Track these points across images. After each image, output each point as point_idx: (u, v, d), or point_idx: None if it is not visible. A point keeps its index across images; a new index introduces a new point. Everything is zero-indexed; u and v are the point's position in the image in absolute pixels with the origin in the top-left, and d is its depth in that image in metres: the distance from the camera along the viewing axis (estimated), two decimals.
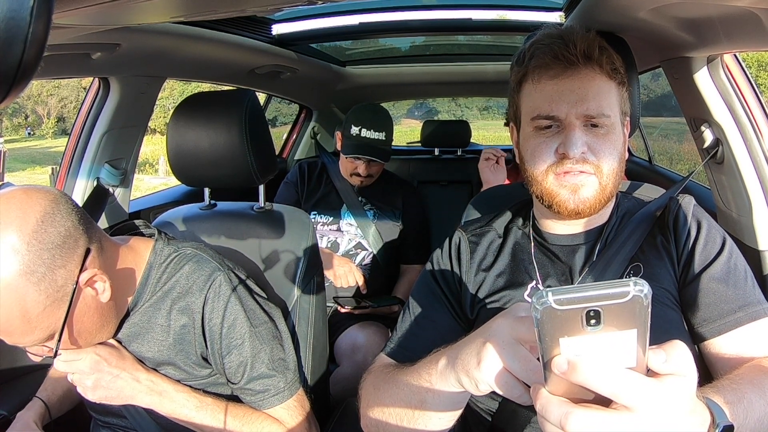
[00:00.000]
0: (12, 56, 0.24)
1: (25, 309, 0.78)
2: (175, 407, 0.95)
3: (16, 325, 0.79)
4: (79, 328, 0.87)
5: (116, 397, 0.93)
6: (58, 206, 0.82)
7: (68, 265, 0.82)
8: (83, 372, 0.92)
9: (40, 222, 0.79)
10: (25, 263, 0.77)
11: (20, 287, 0.77)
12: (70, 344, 0.87)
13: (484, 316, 0.88)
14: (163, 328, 0.97)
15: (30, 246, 0.77)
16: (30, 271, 0.77)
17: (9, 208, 0.78)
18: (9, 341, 0.82)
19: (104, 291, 0.88)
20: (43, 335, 0.82)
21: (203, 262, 1.00)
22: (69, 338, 0.86)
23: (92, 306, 0.87)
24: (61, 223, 0.81)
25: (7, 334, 0.81)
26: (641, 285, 0.41)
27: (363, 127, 1.90)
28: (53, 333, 0.83)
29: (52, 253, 0.80)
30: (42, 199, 0.81)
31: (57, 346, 0.84)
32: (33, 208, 0.79)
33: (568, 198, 0.81)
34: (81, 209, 0.87)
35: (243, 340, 0.98)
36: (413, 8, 1.88)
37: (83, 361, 0.91)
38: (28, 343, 0.84)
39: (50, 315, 0.81)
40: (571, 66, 0.80)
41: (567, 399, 0.46)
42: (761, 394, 0.66)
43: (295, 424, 1.01)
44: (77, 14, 0.72)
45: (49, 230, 0.80)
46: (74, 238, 0.83)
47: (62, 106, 22.15)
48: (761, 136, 1.16)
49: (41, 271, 0.78)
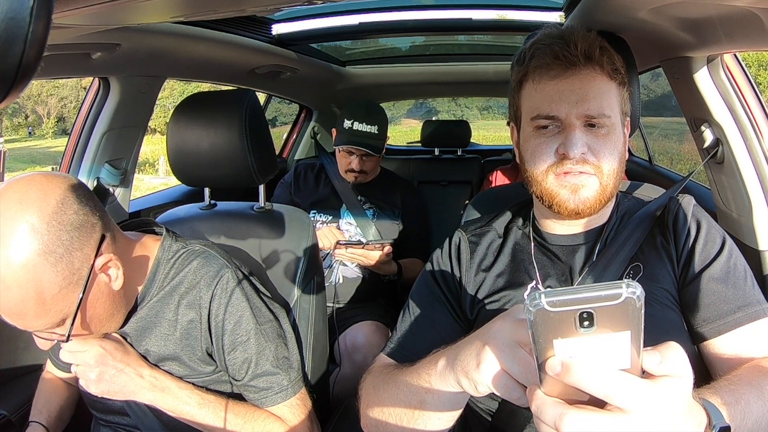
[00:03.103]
0: (12, 56, 0.24)
1: (41, 290, 0.79)
2: (178, 404, 0.95)
3: (31, 306, 0.80)
4: (91, 314, 0.88)
5: (118, 391, 0.93)
6: (77, 192, 0.84)
7: (85, 248, 0.83)
8: (88, 364, 0.92)
9: (60, 204, 0.81)
10: (45, 243, 0.78)
11: (38, 267, 0.78)
12: (81, 329, 0.88)
13: (484, 317, 0.88)
14: (170, 322, 0.98)
15: (50, 226, 0.79)
16: (49, 251, 0.79)
17: (29, 189, 0.79)
18: (21, 325, 0.82)
19: (117, 278, 0.89)
20: (56, 319, 0.83)
21: (211, 258, 1.02)
22: (81, 324, 0.87)
23: (105, 292, 0.89)
24: (79, 207, 0.83)
25: (21, 317, 0.81)
26: (634, 287, 0.42)
27: (355, 120, 1.91)
28: (65, 317, 0.84)
29: (70, 234, 0.81)
30: (62, 183, 0.83)
31: (70, 330, 0.85)
32: (53, 190, 0.81)
33: (569, 198, 0.81)
34: (96, 198, 0.89)
35: (248, 337, 0.98)
36: (413, 8, 1.88)
37: (88, 353, 0.92)
38: (40, 327, 0.84)
39: (64, 297, 0.82)
40: (571, 66, 0.80)
41: (562, 400, 0.46)
42: (759, 395, 0.66)
43: (297, 423, 1.01)
44: (77, 14, 0.72)
45: (68, 212, 0.81)
46: (91, 222, 0.85)
47: (62, 106, 22.16)
48: (761, 136, 1.16)
49: (59, 251, 0.80)
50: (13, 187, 0.80)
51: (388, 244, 1.81)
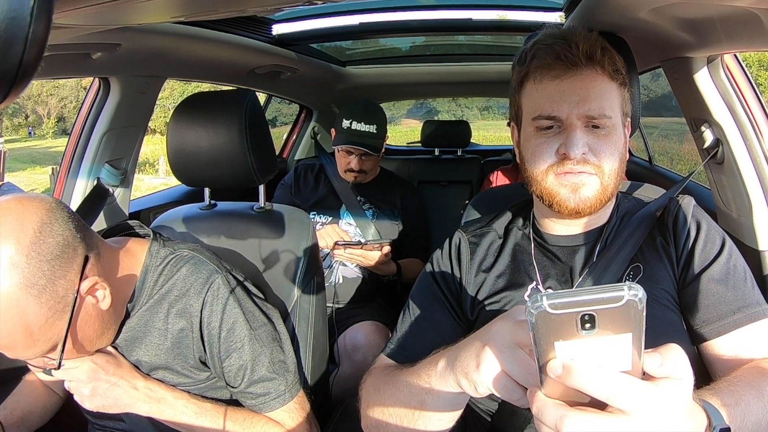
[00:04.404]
0: (12, 56, 0.24)
1: (27, 323, 0.77)
2: (175, 414, 0.94)
3: (19, 339, 0.77)
4: (81, 337, 0.86)
5: (113, 405, 0.92)
6: (55, 215, 0.80)
7: (68, 274, 0.80)
8: (80, 380, 0.90)
9: (38, 233, 0.77)
10: (25, 276, 0.75)
11: (21, 301, 0.75)
12: (75, 353, 0.87)
13: (485, 317, 0.88)
14: (160, 331, 0.96)
15: (29, 258, 0.75)
16: (30, 284, 0.76)
17: (5, 220, 0.76)
18: (11, 355, 0.80)
19: (104, 298, 0.86)
20: (46, 347, 0.81)
21: (201, 264, 0.99)
22: (73, 347, 0.85)
23: (93, 314, 0.86)
24: (59, 232, 0.80)
25: (10, 349, 0.79)
26: (636, 289, 0.42)
27: (354, 120, 1.92)
28: (55, 344, 0.82)
29: (51, 264, 0.78)
30: (38, 208, 0.79)
31: (60, 357, 0.82)
32: (30, 218, 0.77)
33: (569, 197, 0.81)
34: (76, 216, 0.86)
35: (242, 344, 0.97)
36: (413, 8, 1.88)
37: (80, 369, 0.90)
38: (30, 357, 0.82)
39: (52, 327, 0.79)
40: (573, 66, 0.80)
41: (563, 402, 0.46)
42: (759, 396, 0.66)
43: (296, 426, 1.00)
44: (77, 14, 0.72)
45: (48, 240, 0.78)
46: (73, 246, 0.81)
47: (62, 106, 22.17)
48: (761, 136, 1.16)
49: (42, 283, 0.77)
50: None
51: (386, 243, 1.81)
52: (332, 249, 1.78)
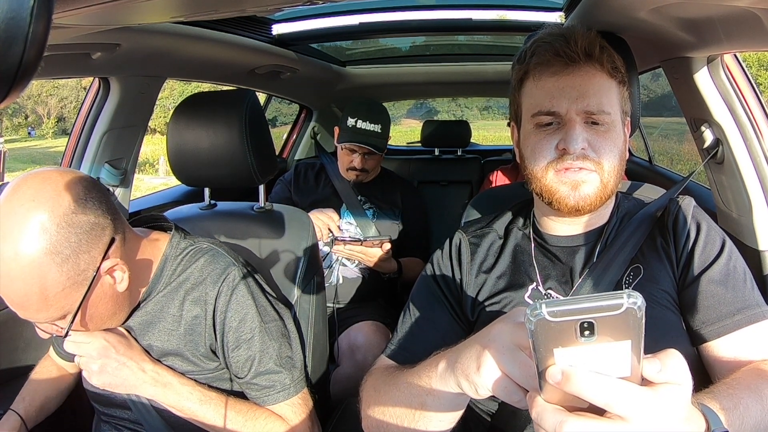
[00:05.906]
0: (12, 56, 0.24)
1: (45, 286, 0.80)
2: (179, 399, 0.95)
3: (33, 300, 0.81)
4: (92, 313, 0.89)
5: (120, 384, 0.94)
6: (91, 193, 0.85)
7: (92, 251, 0.84)
8: (91, 356, 0.93)
9: (72, 205, 0.81)
10: (52, 243, 0.79)
11: (43, 265, 0.79)
12: (80, 326, 0.89)
13: (485, 318, 0.88)
14: (174, 318, 0.99)
15: (59, 228, 0.80)
16: (56, 251, 0.79)
17: (44, 188, 0.80)
18: (22, 315, 0.84)
19: (122, 281, 0.90)
20: (57, 314, 0.84)
21: (219, 255, 1.03)
22: (80, 321, 0.88)
23: (108, 293, 0.89)
24: (92, 210, 0.84)
25: (22, 308, 0.83)
26: (635, 297, 0.42)
27: (359, 119, 1.92)
28: (66, 313, 0.85)
29: (79, 237, 0.82)
30: (77, 184, 0.83)
31: (69, 327, 0.86)
32: (68, 190, 0.82)
33: (569, 194, 0.81)
34: (110, 198, 0.90)
35: (253, 335, 0.99)
36: (413, 8, 1.88)
37: (92, 345, 0.92)
38: (40, 320, 0.85)
39: (67, 296, 0.83)
40: (572, 63, 0.80)
41: (562, 407, 0.46)
42: (758, 398, 0.66)
43: (298, 422, 1.01)
44: (77, 14, 0.72)
45: (80, 214, 0.82)
46: (102, 226, 0.85)
47: (62, 106, 22.16)
48: (761, 136, 1.16)
49: (66, 252, 0.81)
50: (29, 183, 0.81)
51: (386, 240, 1.81)
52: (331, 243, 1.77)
